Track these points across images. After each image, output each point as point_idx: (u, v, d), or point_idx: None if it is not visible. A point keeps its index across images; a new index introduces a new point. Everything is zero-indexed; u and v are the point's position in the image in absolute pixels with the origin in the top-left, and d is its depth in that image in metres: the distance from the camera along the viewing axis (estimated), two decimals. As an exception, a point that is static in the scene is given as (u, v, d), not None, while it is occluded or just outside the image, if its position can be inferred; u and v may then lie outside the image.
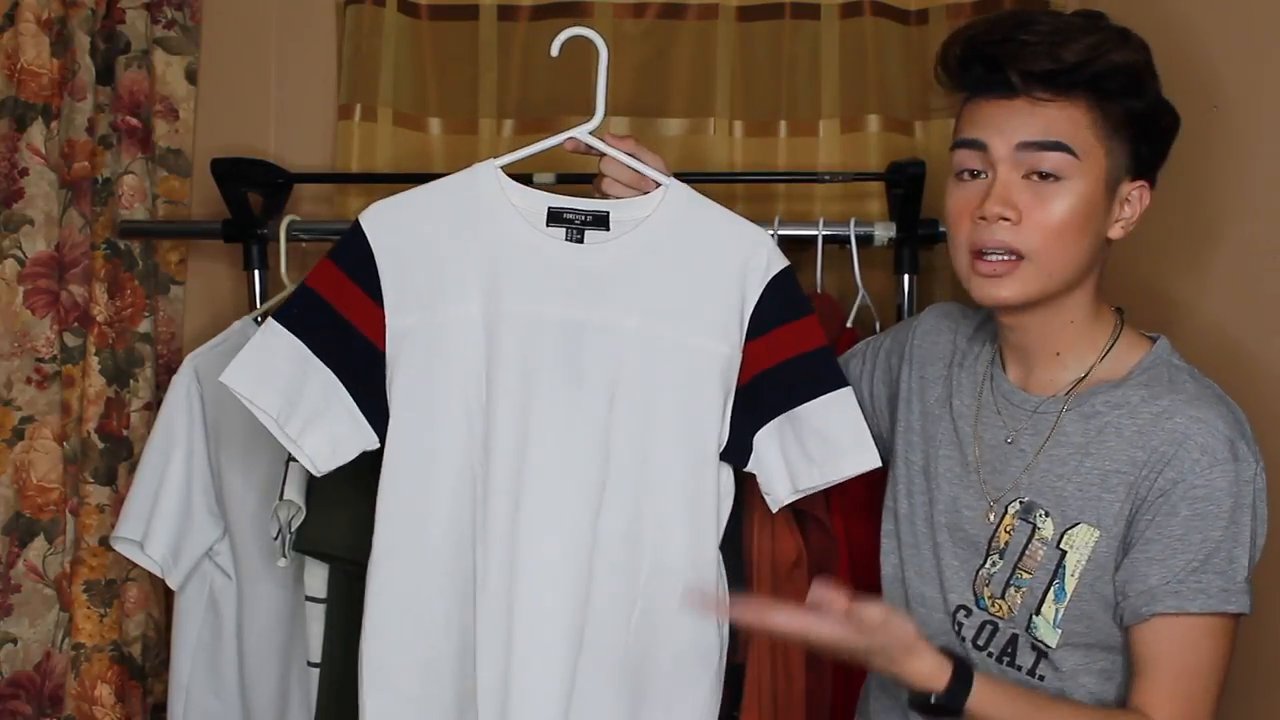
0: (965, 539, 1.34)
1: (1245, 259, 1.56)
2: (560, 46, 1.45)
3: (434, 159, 2.06)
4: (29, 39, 1.97)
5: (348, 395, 1.40)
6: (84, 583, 2.00)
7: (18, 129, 1.99)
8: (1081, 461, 1.27)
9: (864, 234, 1.80)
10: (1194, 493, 1.20)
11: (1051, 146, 1.23)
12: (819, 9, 2.01)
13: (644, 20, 2.04)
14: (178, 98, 2.06)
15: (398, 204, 1.44)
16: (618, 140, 1.48)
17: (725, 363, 1.41)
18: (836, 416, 1.41)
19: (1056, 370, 1.32)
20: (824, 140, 2.01)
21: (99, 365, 1.99)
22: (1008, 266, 1.25)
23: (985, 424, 1.36)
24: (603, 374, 1.39)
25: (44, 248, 2.00)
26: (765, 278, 1.42)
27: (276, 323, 1.42)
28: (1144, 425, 1.24)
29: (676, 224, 1.44)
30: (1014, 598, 1.29)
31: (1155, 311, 1.66)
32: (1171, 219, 1.71)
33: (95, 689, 1.99)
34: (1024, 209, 1.24)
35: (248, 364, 1.41)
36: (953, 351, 1.43)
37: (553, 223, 1.43)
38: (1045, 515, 1.28)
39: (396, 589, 1.41)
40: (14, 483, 2.01)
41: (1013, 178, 1.25)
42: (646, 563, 1.40)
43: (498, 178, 1.44)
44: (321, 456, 1.40)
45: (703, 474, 1.41)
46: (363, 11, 2.02)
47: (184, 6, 2.07)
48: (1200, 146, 1.63)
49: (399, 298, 1.40)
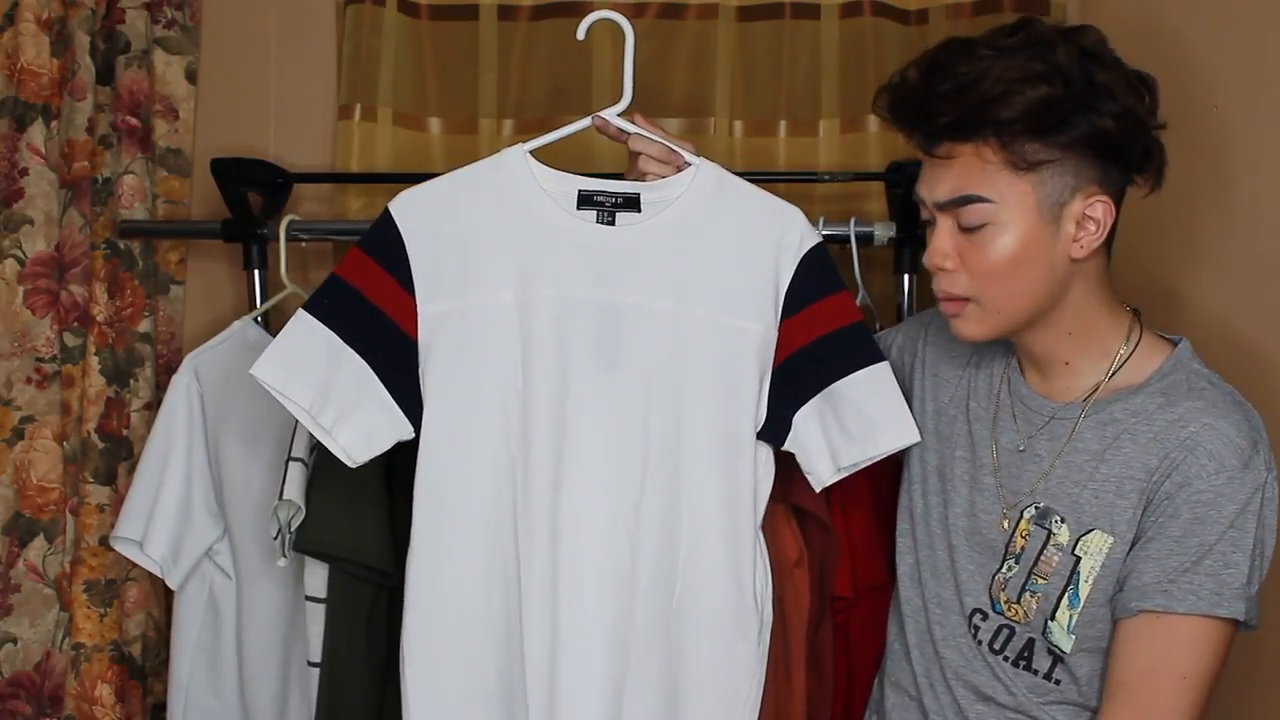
0: (982, 543, 1.34)
1: (1246, 259, 1.56)
2: (586, 30, 1.46)
3: (434, 159, 2.06)
4: (29, 39, 1.97)
5: (381, 385, 1.39)
6: (84, 582, 2.00)
7: (18, 129, 1.99)
8: (1097, 468, 1.27)
9: (864, 234, 1.80)
10: (1198, 497, 1.20)
11: (964, 201, 1.24)
12: (819, 9, 2.01)
13: (644, 20, 2.04)
14: (178, 98, 2.06)
15: (427, 191, 1.44)
16: (645, 121, 1.48)
17: (761, 342, 1.40)
18: (874, 392, 1.40)
19: (1070, 378, 1.32)
20: (824, 140, 2.02)
21: (99, 365, 1.99)
22: (958, 307, 1.28)
23: (1002, 428, 1.36)
24: (638, 356, 1.39)
25: (44, 248, 2.00)
26: (799, 255, 1.42)
27: (306, 313, 1.41)
28: (1159, 432, 1.24)
29: (708, 203, 1.43)
30: (1030, 602, 1.29)
31: (1157, 310, 1.66)
32: (1172, 219, 1.72)
33: (95, 689, 1.99)
34: (962, 255, 1.26)
35: (277, 356, 1.39)
36: (971, 352, 1.43)
37: (584, 205, 1.42)
38: (1061, 521, 1.28)
39: (437, 580, 1.40)
40: (14, 483, 2.01)
41: (947, 226, 1.27)
42: (685, 543, 1.40)
43: (527, 162, 1.44)
44: (356, 448, 1.39)
45: (740, 454, 1.40)
46: (363, 11, 2.02)
47: (184, 6, 2.07)
48: (1200, 146, 1.64)
49: (431, 285, 1.39)
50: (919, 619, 1.40)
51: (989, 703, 1.33)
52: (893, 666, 1.46)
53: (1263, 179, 1.53)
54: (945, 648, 1.37)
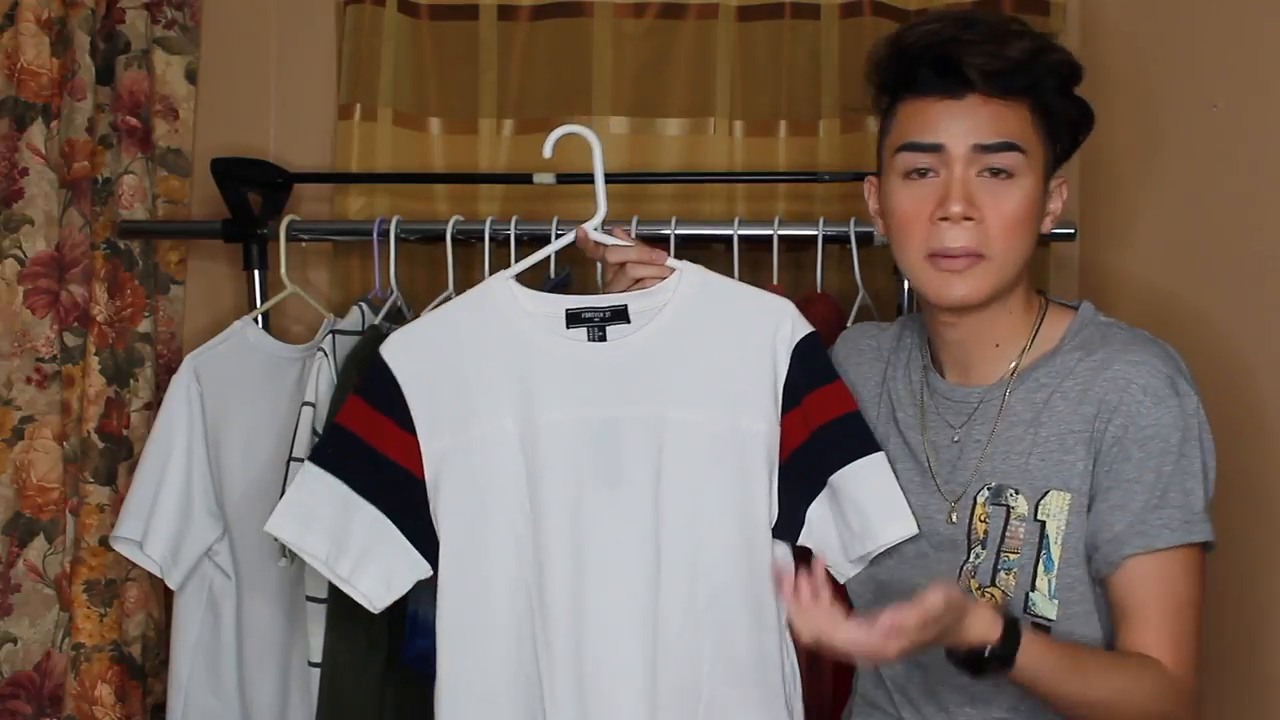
0: (944, 541, 1.34)
1: (1246, 259, 1.56)
2: (552, 146, 1.42)
3: (434, 159, 2.06)
4: (29, 39, 1.97)
5: (395, 529, 1.39)
6: (84, 582, 2.00)
7: (18, 129, 1.99)
8: (1036, 433, 1.28)
9: (864, 234, 1.80)
10: (1143, 433, 1.23)
11: (1006, 147, 1.26)
12: (819, 9, 2.01)
13: (644, 20, 2.04)
14: (178, 98, 2.06)
15: (416, 331, 1.44)
16: (622, 233, 1.48)
17: (767, 440, 1.39)
18: (870, 483, 1.38)
19: (996, 361, 1.34)
20: (824, 140, 2.02)
21: (99, 365, 1.99)
22: (969, 263, 1.27)
23: (932, 428, 1.37)
24: (645, 469, 1.37)
25: (44, 248, 2.00)
26: (791, 346, 1.40)
27: (313, 465, 1.41)
28: (1086, 381, 1.27)
29: (697, 305, 1.41)
30: (1006, 581, 1.28)
31: (1155, 310, 1.66)
32: (1171, 218, 1.72)
33: (95, 689, 1.99)
34: (983, 207, 1.26)
35: (288, 510, 1.40)
36: (883, 367, 1.44)
37: (573, 324, 1.41)
38: (1015, 493, 1.29)
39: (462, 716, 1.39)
40: (14, 483, 2.01)
41: (969, 175, 1.27)
42: (709, 651, 1.38)
43: (510, 289, 1.42)
44: (376, 594, 1.39)
45: (758, 553, 1.38)
46: (363, 11, 2.02)
47: (184, 6, 2.07)
48: (1200, 146, 1.64)
49: (431, 423, 1.39)
50: None
51: (979, 704, 1.32)
52: (864, 687, 1.45)
53: (1263, 179, 1.53)
54: (926, 656, 1.33)
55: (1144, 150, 1.74)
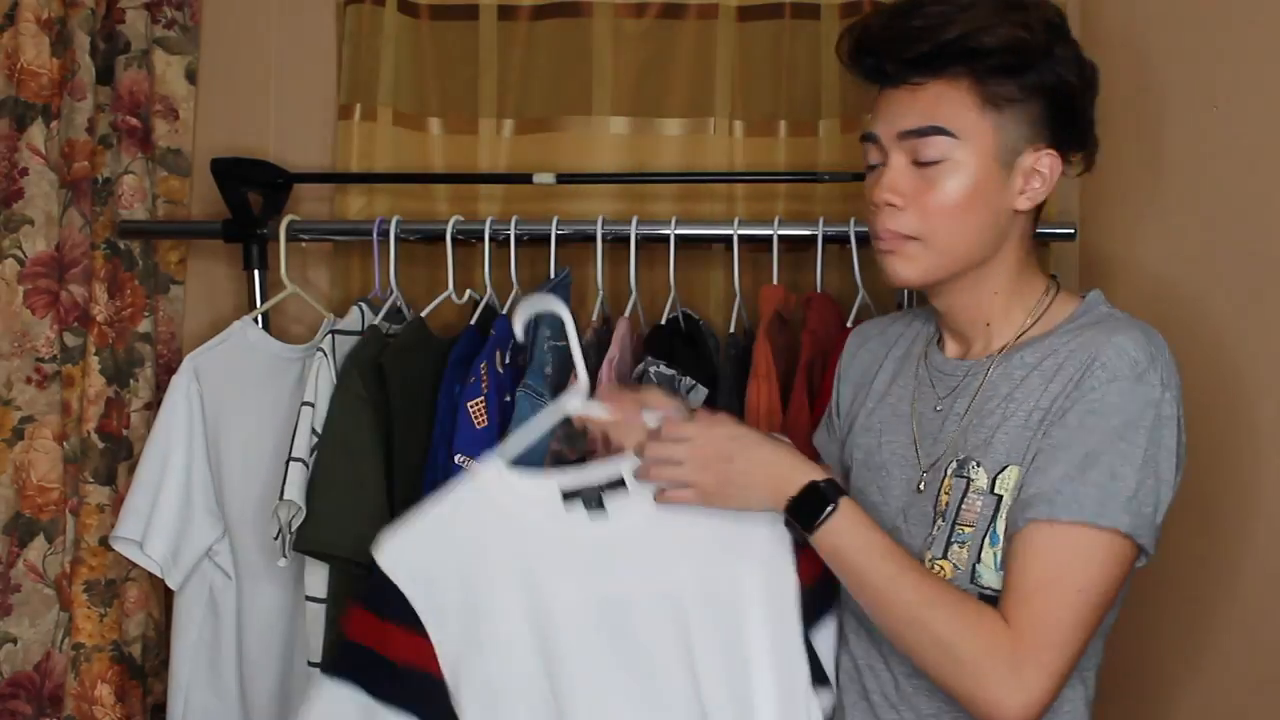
0: (918, 514, 1.33)
1: (1247, 259, 1.56)
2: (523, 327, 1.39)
3: (434, 159, 2.06)
4: (29, 39, 1.97)
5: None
6: (84, 582, 2.00)
7: (18, 129, 1.99)
8: (1007, 408, 1.28)
9: (863, 234, 1.80)
10: (1086, 405, 1.21)
11: (929, 131, 1.26)
12: (819, 9, 2.01)
13: (644, 20, 2.04)
14: (178, 97, 2.06)
15: (410, 533, 1.35)
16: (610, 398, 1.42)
17: (788, 583, 1.35)
18: None
19: (989, 340, 1.35)
20: (824, 140, 2.02)
21: (99, 365, 1.99)
22: (898, 243, 1.29)
23: (921, 398, 1.38)
24: (670, 640, 1.32)
25: (44, 248, 2.00)
26: None
27: (331, 678, 1.34)
28: (1063, 360, 1.26)
29: None
30: (959, 554, 1.27)
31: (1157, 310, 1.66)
32: (1172, 218, 1.72)
33: (95, 689, 1.99)
34: (911, 194, 1.28)
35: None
36: (888, 346, 1.46)
37: (569, 501, 1.35)
38: (977, 465, 1.28)
39: None
40: (14, 483, 2.01)
41: (900, 163, 1.28)
42: None
43: (500, 475, 1.36)
44: None
45: (798, 705, 1.34)
46: (362, 11, 2.03)
47: (184, 6, 2.07)
48: (1201, 146, 1.64)
49: (441, 624, 1.33)
50: (852, 604, 1.37)
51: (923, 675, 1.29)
52: None
53: (1263, 179, 1.52)
54: None
55: (1145, 150, 1.74)
